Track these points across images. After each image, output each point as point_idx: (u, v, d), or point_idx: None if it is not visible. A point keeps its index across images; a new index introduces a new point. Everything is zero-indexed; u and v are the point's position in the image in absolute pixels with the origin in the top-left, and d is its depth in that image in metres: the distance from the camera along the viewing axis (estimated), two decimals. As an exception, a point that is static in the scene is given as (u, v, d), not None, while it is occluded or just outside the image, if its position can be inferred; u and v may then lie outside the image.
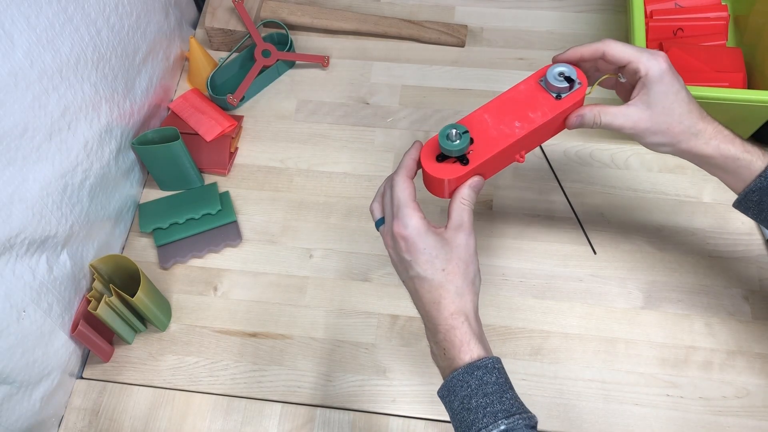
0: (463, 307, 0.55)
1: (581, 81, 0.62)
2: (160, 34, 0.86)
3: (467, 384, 0.52)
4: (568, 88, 0.62)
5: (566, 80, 0.62)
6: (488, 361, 0.53)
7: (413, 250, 0.55)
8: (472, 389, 0.52)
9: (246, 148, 0.89)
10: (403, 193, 0.57)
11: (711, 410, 0.69)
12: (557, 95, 0.62)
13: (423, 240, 0.55)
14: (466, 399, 0.52)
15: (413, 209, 0.56)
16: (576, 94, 0.62)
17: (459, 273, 0.55)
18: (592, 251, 0.79)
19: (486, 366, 0.53)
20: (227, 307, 0.78)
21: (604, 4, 0.98)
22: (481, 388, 0.52)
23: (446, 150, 0.58)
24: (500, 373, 0.53)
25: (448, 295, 0.55)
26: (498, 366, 0.53)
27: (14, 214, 0.60)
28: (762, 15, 0.84)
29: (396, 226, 0.56)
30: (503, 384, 0.53)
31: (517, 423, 0.50)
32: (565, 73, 0.62)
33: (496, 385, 0.52)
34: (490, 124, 0.62)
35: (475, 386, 0.52)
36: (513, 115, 0.62)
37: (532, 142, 0.64)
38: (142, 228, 0.82)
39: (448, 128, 0.59)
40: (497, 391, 0.52)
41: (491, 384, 0.52)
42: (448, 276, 0.55)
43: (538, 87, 0.63)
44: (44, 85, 0.62)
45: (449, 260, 0.55)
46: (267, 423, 0.71)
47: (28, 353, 0.64)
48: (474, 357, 0.53)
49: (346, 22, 0.96)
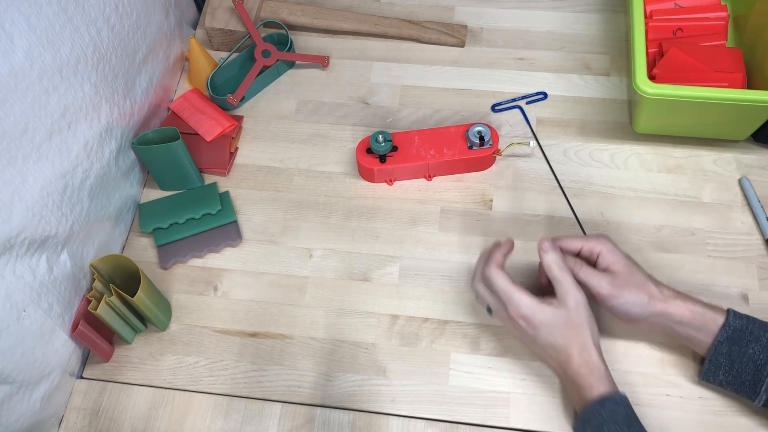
0: (587, 359, 0.63)
1: (493, 143, 0.81)
2: (160, 34, 0.86)
3: (599, 414, 0.61)
4: (479, 145, 0.81)
5: (480, 138, 0.81)
6: (617, 395, 0.62)
7: (533, 325, 0.64)
8: (603, 418, 0.60)
9: (246, 148, 0.89)
10: (504, 282, 0.65)
11: (711, 410, 0.69)
12: (470, 146, 0.81)
13: (539, 315, 0.64)
14: (598, 427, 0.60)
15: (520, 291, 0.64)
16: (484, 151, 0.81)
17: (576, 334, 0.64)
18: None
19: (615, 399, 0.61)
20: (227, 307, 0.78)
21: (604, 4, 0.98)
22: (612, 417, 0.60)
23: (372, 148, 0.80)
24: (628, 406, 0.62)
25: (573, 353, 0.64)
26: (626, 401, 0.62)
27: (14, 214, 0.60)
28: (762, 15, 0.84)
29: (511, 310, 0.65)
30: (631, 415, 0.61)
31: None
32: (482, 132, 0.81)
33: (625, 416, 0.61)
34: (415, 143, 0.82)
35: (607, 416, 0.60)
36: (432, 145, 0.81)
37: (440, 170, 0.83)
38: (142, 228, 0.82)
39: (379, 134, 0.80)
40: (626, 421, 0.60)
41: (621, 414, 0.60)
42: (568, 340, 0.64)
43: (462, 134, 0.82)
44: (44, 85, 0.62)
45: (567, 326, 0.63)
46: (267, 423, 0.71)
47: (28, 353, 0.64)
48: (603, 392, 0.62)
49: (346, 22, 0.96)
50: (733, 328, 0.63)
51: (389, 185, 0.85)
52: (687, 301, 0.65)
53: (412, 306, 0.77)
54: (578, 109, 0.89)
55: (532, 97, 0.90)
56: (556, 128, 0.88)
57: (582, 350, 0.63)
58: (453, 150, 0.81)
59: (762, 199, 0.80)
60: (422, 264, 0.79)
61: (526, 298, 0.64)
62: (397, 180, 0.84)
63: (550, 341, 0.64)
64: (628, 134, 0.86)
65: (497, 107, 0.89)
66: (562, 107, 0.89)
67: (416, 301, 0.77)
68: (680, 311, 0.64)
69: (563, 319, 0.63)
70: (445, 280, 0.78)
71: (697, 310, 0.64)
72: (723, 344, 0.63)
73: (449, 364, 0.73)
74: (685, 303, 0.65)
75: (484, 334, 0.75)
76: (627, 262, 0.66)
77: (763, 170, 0.82)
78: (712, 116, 0.78)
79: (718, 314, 0.64)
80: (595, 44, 0.94)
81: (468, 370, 0.73)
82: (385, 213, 0.83)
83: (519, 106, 0.89)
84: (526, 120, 0.88)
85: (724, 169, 0.83)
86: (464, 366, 0.73)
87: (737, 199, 0.81)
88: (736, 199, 0.81)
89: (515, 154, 0.86)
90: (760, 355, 0.62)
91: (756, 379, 0.63)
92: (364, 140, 0.82)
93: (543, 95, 0.90)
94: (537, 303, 0.64)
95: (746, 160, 0.83)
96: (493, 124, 0.86)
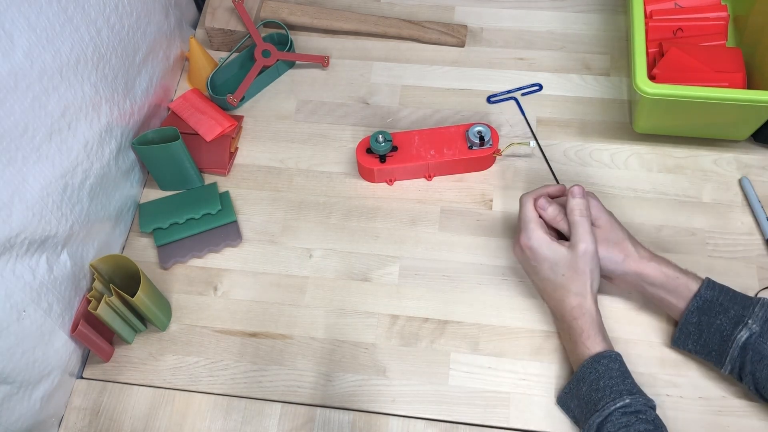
0: (582, 303, 0.67)
1: (493, 143, 0.81)
2: (160, 34, 0.86)
3: (595, 369, 0.64)
4: (479, 144, 0.81)
5: (480, 139, 0.80)
6: (611, 353, 0.65)
7: (538, 258, 0.68)
8: (599, 373, 0.64)
9: (246, 148, 0.89)
10: (528, 212, 0.69)
11: (711, 410, 0.69)
12: (470, 146, 0.81)
13: (545, 250, 0.67)
14: (594, 381, 0.64)
15: (537, 224, 0.68)
16: (484, 151, 0.81)
17: (577, 278, 0.67)
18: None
19: (610, 356, 0.65)
20: (227, 307, 0.78)
21: (604, 4, 0.98)
22: (607, 372, 0.64)
23: (372, 148, 0.80)
24: (621, 363, 0.65)
25: (569, 294, 0.67)
26: (619, 358, 0.65)
27: (14, 214, 0.60)
28: (762, 15, 0.84)
29: (522, 238, 0.69)
30: (624, 371, 0.65)
31: (637, 400, 0.62)
32: (482, 132, 0.81)
33: (619, 372, 0.64)
34: (415, 143, 0.82)
35: (602, 371, 0.64)
36: (432, 145, 0.81)
37: (440, 170, 0.83)
38: (142, 228, 0.82)
39: (380, 134, 0.80)
40: (620, 375, 0.64)
41: (615, 370, 0.64)
42: (567, 280, 0.67)
43: (463, 134, 0.82)
44: (44, 85, 0.62)
45: (568, 267, 0.67)
46: (267, 423, 0.71)
47: (28, 353, 0.64)
48: (597, 347, 0.65)
49: (346, 22, 0.96)
50: (704, 299, 0.65)
51: (389, 185, 0.85)
52: (662, 264, 0.68)
53: (412, 306, 0.77)
54: (578, 109, 0.89)
55: (527, 88, 0.90)
56: (556, 128, 0.88)
57: (578, 293, 0.67)
58: (453, 150, 0.81)
59: (762, 199, 0.80)
60: (422, 264, 0.79)
61: (538, 232, 0.68)
62: (397, 180, 0.84)
63: (550, 277, 0.68)
64: (628, 134, 0.86)
65: (493, 98, 0.90)
66: (562, 107, 0.89)
67: (416, 301, 0.77)
68: (654, 273, 0.67)
69: (568, 260, 0.66)
70: (445, 280, 0.78)
71: (670, 273, 0.67)
72: (693, 314, 0.66)
73: (449, 364, 0.73)
74: (659, 265, 0.67)
75: (484, 334, 0.75)
76: (610, 218, 0.70)
77: (763, 170, 0.82)
78: (712, 116, 0.78)
79: (692, 280, 0.67)
80: (595, 44, 0.94)
81: (468, 370, 0.73)
82: (385, 213, 0.83)
83: (514, 97, 0.90)
84: (521, 111, 0.88)
85: (724, 169, 0.83)
86: (464, 366, 0.73)
87: (737, 199, 0.81)
88: (736, 199, 0.81)
89: (515, 154, 0.86)
90: (727, 327, 0.65)
91: (722, 349, 0.65)
92: (364, 140, 0.82)
93: (538, 87, 0.90)
94: (547, 240, 0.67)
95: (746, 160, 0.83)
96: (493, 124, 0.86)
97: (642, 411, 0.61)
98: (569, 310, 0.67)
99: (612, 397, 0.62)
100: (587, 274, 0.67)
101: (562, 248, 0.67)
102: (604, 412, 0.61)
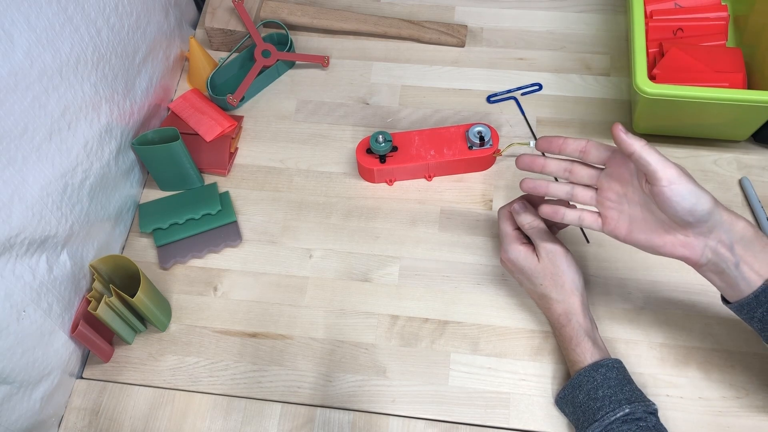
0: (567, 310, 0.68)
1: (493, 143, 0.81)
2: (160, 34, 0.86)
3: (593, 378, 0.64)
4: (479, 145, 0.81)
5: (480, 139, 0.80)
6: (608, 361, 0.65)
7: (518, 271, 0.71)
8: (597, 382, 0.63)
9: (246, 148, 0.89)
10: (505, 227, 0.71)
11: (711, 410, 0.69)
12: (470, 146, 0.81)
13: (522, 262, 0.69)
14: (593, 390, 0.63)
15: (512, 238, 0.70)
16: (484, 151, 0.81)
17: (553, 285, 0.68)
18: (585, 240, 0.79)
19: (608, 365, 0.64)
20: (227, 308, 0.78)
21: (604, 4, 0.98)
22: (606, 382, 0.63)
23: (372, 148, 0.80)
24: (620, 370, 0.65)
25: (552, 302, 0.69)
26: (617, 365, 0.65)
27: (14, 214, 0.60)
28: (762, 15, 0.84)
29: (502, 252, 0.71)
30: (622, 379, 0.64)
31: (637, 408, 0.61)
32: (482, 133, 0.81)
33: (617, 380, 0.63)
34: (415, 143, 0.82)
35: (600, 380, 0.63)
36: (432, 146, 0.81)
37: (440, 170, 0.83)
38: (142, 228, 0.82)
39: (380, 134, 0.79)
40: (618, 384, 0.63)
41: (613, 378, 0.63)
42: (546, 289, 0.69)
43: (463, 134, 0.82)
44: (44, 85, 0.62)
45: (544, 276, 0.68)
46: (267, 423, 0.71)
47: (28, 353, 0.64)
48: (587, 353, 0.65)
49: (346, 22, 0.96)
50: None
51: (389, 185, 0.85)
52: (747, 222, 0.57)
53: (412, 306, 0.77)
54: (578, 109, 0.89)
55: (527, 88, 0.90)
56: (556, 128, 0.87)
57: (560, 300, 0.68)
58: (453, 150, 0.81)
59: (762, 199, 0.80)
60: (422, 264, 0.79)
61: (514, 245, 0.70)
62: (397, 180, 0.84)
63: (531, 287, 0.70)
64: (628, 134, 0.86)
65: (493, 98, 0.90)
66: (562, 107, 0.89)
67: (416, 302, 0.77)
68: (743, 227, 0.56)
69: (541, 269, 0.68)
70: (445, 280, 0.78)
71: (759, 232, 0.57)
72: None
73: (449, 364, 0.73)
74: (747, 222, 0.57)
75: (484, 334, 0.75)
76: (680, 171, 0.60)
77: (763, 170, 0.82)
78: (712, 116, 0.78)
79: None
80: (595, 44, 0.94)
81: (468, 370, 0.73)
82: (385, 213, 0.83)
83: (514, 97, 0.90)
84: (521, 111, 0.88)
85: (724, 169, 0.83)
86: (464, 366, 0.73)
87: (737, 199, 0.81)
88: (737, 199, 0.81)
89: (515, 154, 0.85)
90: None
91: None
92: (364, 140, 0.82)
93: (538, 86, 0.90)
94: (524, 251, 0.69)
95: (746, 160, 0.83)
96: (493, 124, 0.86)
97: (642, 419, 0.61)
98: (556, 317, 0.69)
99: (612, 407, 0.62)
100: (561, 275, 0.67)
101: (534, 258, 0.68)
102: (603, 422, 0.61)
